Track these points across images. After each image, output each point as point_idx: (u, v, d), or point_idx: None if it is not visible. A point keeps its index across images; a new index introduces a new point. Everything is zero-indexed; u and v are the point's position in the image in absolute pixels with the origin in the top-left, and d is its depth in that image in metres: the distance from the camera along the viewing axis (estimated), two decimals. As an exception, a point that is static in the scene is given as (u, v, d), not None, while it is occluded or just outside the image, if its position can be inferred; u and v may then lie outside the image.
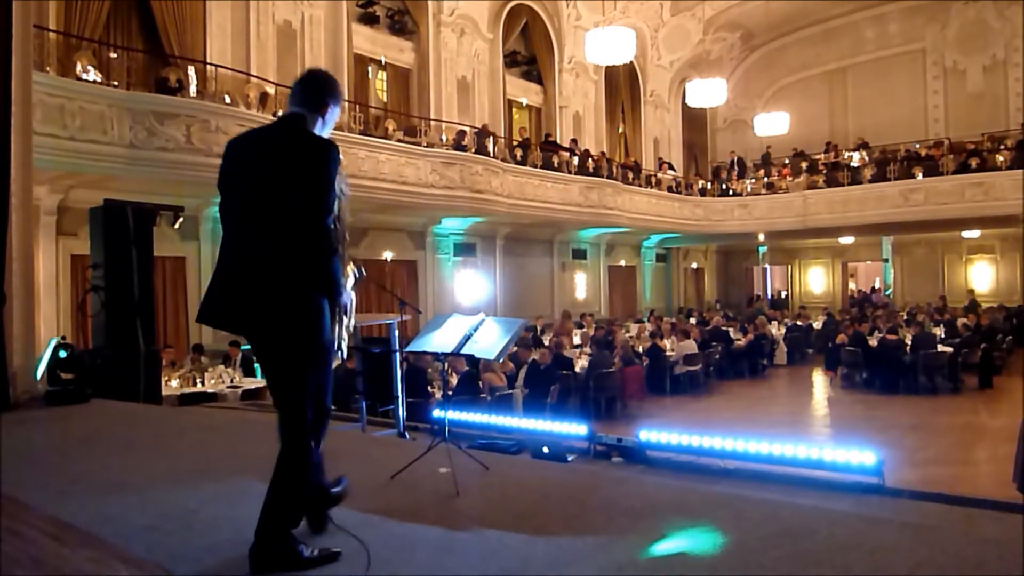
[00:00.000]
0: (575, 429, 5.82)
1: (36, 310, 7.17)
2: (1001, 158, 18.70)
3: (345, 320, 2.75)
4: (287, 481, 2.52)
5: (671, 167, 22.86)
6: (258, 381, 9.75)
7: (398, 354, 5.83)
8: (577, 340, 14.03)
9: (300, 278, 2.48)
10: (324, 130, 2.69)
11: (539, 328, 14.53)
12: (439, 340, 4.11)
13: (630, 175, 20.02)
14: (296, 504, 2.55)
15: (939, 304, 20.24)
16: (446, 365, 7.25)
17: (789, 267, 26.49)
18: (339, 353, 2.77)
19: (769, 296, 26.24)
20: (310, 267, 2.47)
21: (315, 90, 2.68)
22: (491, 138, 15.89)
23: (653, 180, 21.23)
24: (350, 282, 2.86)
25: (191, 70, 11.07)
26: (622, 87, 22.08)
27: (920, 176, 19.40)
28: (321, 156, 2.51)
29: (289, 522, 2.52)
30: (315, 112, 2.65)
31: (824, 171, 21.64)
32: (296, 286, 2.48)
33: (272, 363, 2.62)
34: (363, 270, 3.00)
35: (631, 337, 14.77)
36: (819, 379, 14.62)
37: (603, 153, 20.13)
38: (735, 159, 24.41)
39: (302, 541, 2.53)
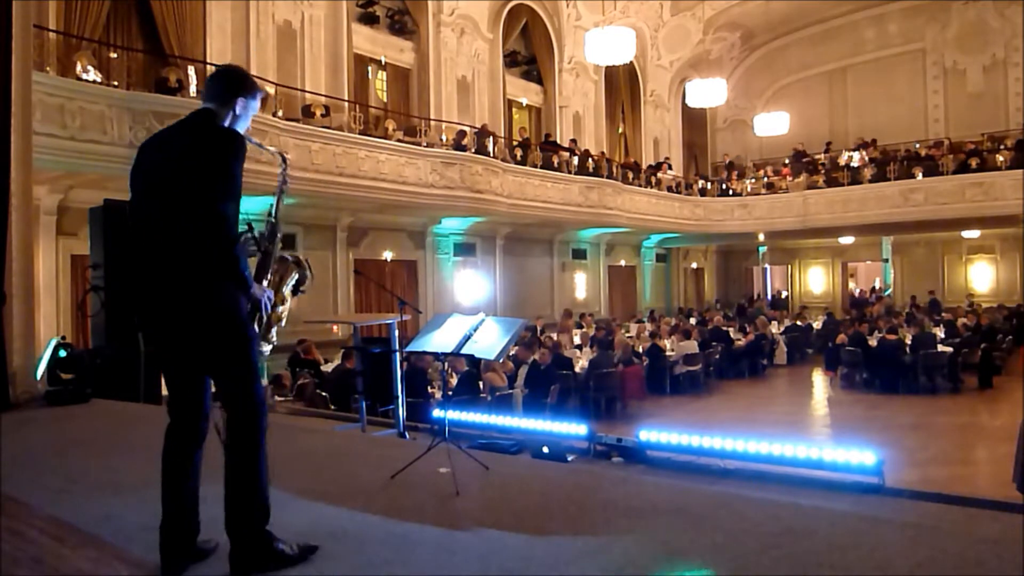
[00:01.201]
0: (575, 429, 5.81)
1: (36, 310, 7.17)
2: (1001, 158, 18.70)
3: (264, 316, 2.67)
4: (247, 478, 2.47)
5: (670, 166, 22.84)
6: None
7: (398, 354, 5.83)
8: (577, 340, 14.03)
9: (204, 273, 2.41)
10: (239, 124, 2.64)
11: (539, 328, 14.53)
12: (439, 340, 4.12)
13: (630, 175, 20.02)
14: (262, 499, 2.49)
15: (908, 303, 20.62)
16: (446, 365, 7.25)
17: (789, 267, 26.48)
18: (266, 348, 2.76)
19: (769, 296, 26.23)
20: (211, 259, 2.40)
21: (224, 86, 2.64)
22: (491, 138, 15.89)
23: (653, 180, 21.22)
24: (289, 283, 2.84)
25: (191, 70, 11.05)
26: (622, 87, 22.07)
27: (920, 176, 19.40)
28: (218, 145, 2.48)
29: (262, 519, 2.48)
30: (225, 107, 2.61)
31: (824, 171, 21.66)
32: (201, 281, 2.42)
33: (191, 362, 2.55)
34: (308, 271, 2.93)
35: (631, 337, 14.77)
36: (819, 379, 14.62)
37: (603, 153, 20.13)
38: (727, 162, 24.49)
39: (280, 538, 2.51)
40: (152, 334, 2.60)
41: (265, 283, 2.72)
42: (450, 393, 8.18)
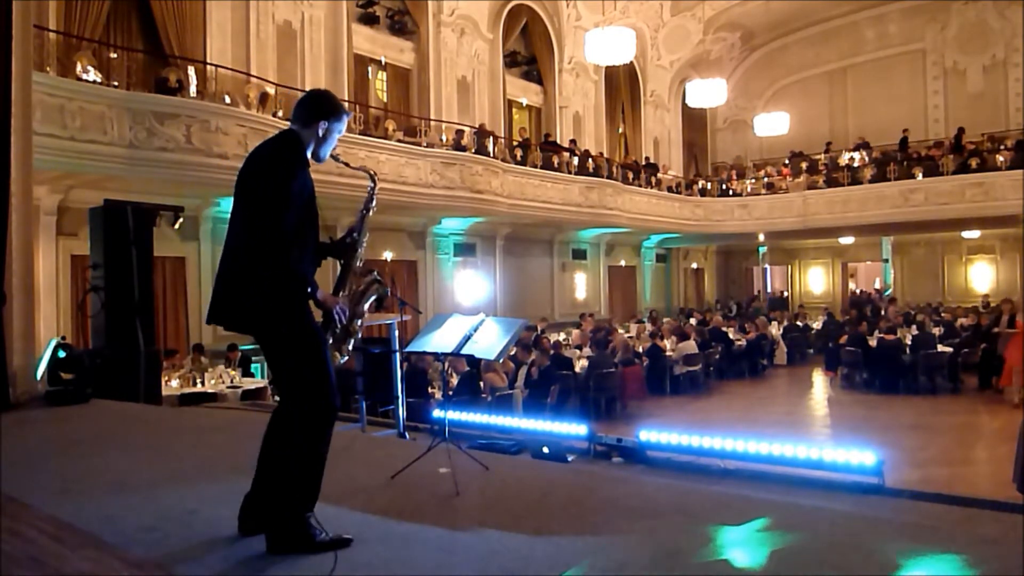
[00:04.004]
0: (575, 429, 5.82)
1: (36, 310, 7.17)
2: (1001, 158, 18.69)
3: (338, 327, 2.81)
4: (289, 465, 2.62)
5: (656, 169, 22.77)
6: (258, 381, 9.79)
7: (398, 354, 5.83)
8: (576, 340, 14.04)
9: (253, 277, 2.60)
10: (324, 147, 2.82)
11: (540, 329, 14.52)
12: (439, 340, 4.12)
13: (630, 175, 20.02)
14: (308, 486, 2.65)
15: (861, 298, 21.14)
16: (446, 365, 7.25)
17: (789, 267, 26.47)
18: (339, 354, 2.86)
19: (769, 294, 26.22)
20: (264, 267, 2.58)
21: (307, 109, 2.80)
22: (491, 138, 15.88)
23: (653, 180, 21.22)
24: (369, 299, 2.99)
25: (191, 70, 11.05)
26: (622, 87, 22.06)
27: (920, 176, 19.40)
28: (273, 159, 2.68)
29: (303, 505, 2.63)
30: (307, 129, 2.77)
31: (824, 171, 21.66)
32: (253, 285, 2.60)
33: (264, 353, 2.79)
34: (387, 289, 3.10)
35: (631, 337, 14.77)
36: (819, 379, 14.61)
37: (602, 153, 20.13)
38: (693, 179, 24.61)
39: (315, 525, 2.63)
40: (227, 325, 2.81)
41: (342, 295, 2.86)
42: (450, 393, 8.18)
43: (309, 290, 2.65)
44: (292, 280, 2.60)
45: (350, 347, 2.91)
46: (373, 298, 2.98)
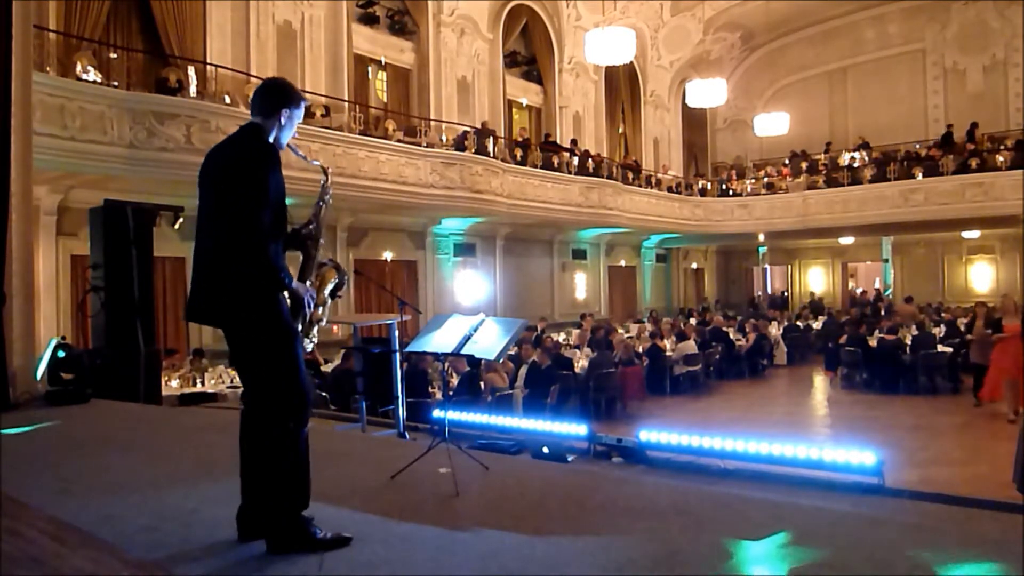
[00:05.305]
0: (575, 429, 5.81)
1: (36, 310, 7.17)
2: (1001, 158, 18.69)
3: (307, 314, 2.87)
4: (280, 465, 2.62)
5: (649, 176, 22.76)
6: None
7: (398, 354, 5.83)
8: (576, 340, 14.04)
9: (232, 271, 2.62)
10: (284, 133, 2.86)
11: (540, 329, 14.51)
12: (439, 340, 4.12)
13: (630, 175, 20.01)
14: (299, 486, 2.66)
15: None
16: (446, 365, 7.25)
17: (789, 267, 26.48)
18: (307, 344, 2.92)
19: (769, 294, 26.22)
20: (244, 260, 2.61)
21: (268, 98, 2.85)
22: (491, 138, 15.87)
23: (653, 180, 21.21)
24: (329, 286, 3.04)
25: (191, 70, 11.06)
26: (622, 87, 22.07)
27: (920, 176, 19.40)
28: (248, 157, 2.70)
29: (297, 503, 2.65)
30: (269, 119, 2.81)
31: (824, 171, 21.67)
32: (231, 279, 2.63)
33: (234, 351, 2.80)
34: (346, 276, 3.12)
35: (631, 337, 14.77)
36: (819, 379, 14.61)
37: (599, 153, 20.11)
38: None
39: (314, 523, 2.64)
40: (204, 320, 2.88)
41: (308, 284, 2.91)
42: (450, 393, 8.18)
43: (287, 281, 2.70)
44: (273, 275, 2.65)
45: (314, 333, 2.97)
46: (333, 284, 3.05)
